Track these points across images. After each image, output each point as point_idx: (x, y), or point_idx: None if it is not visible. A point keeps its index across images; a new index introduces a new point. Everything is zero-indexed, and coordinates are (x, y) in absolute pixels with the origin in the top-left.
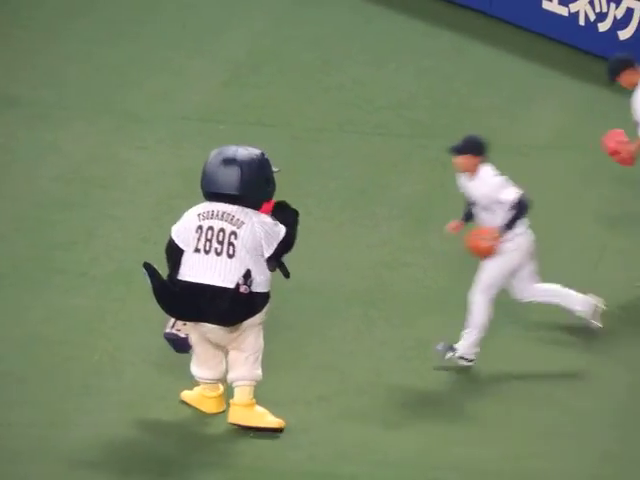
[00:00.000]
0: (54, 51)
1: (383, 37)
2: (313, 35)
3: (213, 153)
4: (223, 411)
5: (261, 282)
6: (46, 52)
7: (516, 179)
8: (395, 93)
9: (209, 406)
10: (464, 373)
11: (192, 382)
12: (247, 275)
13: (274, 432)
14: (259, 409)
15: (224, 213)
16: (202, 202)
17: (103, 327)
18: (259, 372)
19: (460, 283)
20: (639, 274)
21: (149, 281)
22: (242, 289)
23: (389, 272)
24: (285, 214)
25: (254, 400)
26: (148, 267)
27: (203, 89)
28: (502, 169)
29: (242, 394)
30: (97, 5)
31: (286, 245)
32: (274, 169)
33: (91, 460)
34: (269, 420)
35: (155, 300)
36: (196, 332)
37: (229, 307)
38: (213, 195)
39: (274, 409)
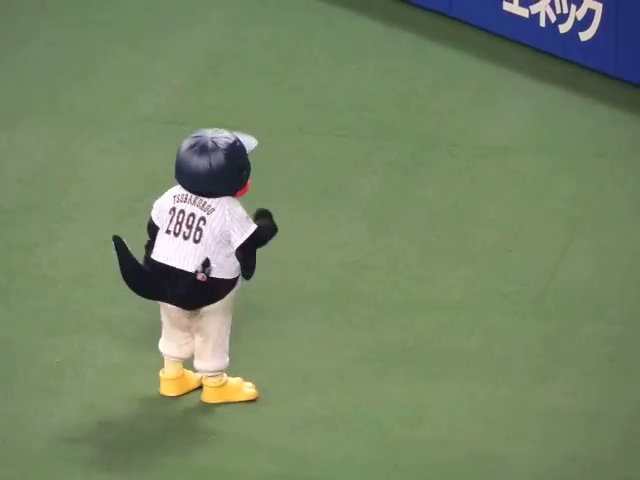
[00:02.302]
0: (15, 53)
1: (343, 38)
2: (272, 36)
3: (186, 141)
4: (182, 395)
5: (225, 269)
6: (6, 54)
7: (478, 181)
8: (356, 94)
9: (164, 388)
10: (425, 375)
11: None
12: (206, 263)
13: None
14: (232, 382)
15: (197, 198)
16: None
17: (64, 329)
18: (226, 361)
19: (421, 285)
20: (599, 276)
21: (116, 256)
22: (199, 277)
23: (350, 274)
24: (263, 221)
25: (225, 379)
26: (118, 242)
27: (164, 91)
28: (463, 171)
29: (212, 380)
30: (58, 7)
31: (253, 243)
32: (251, 147)
33: (51, 462)
34: (243, 394)
35: (121, 277)
36: (163, 310)
37: (188, 291)
38: (184, 187)
39: (234, 412)
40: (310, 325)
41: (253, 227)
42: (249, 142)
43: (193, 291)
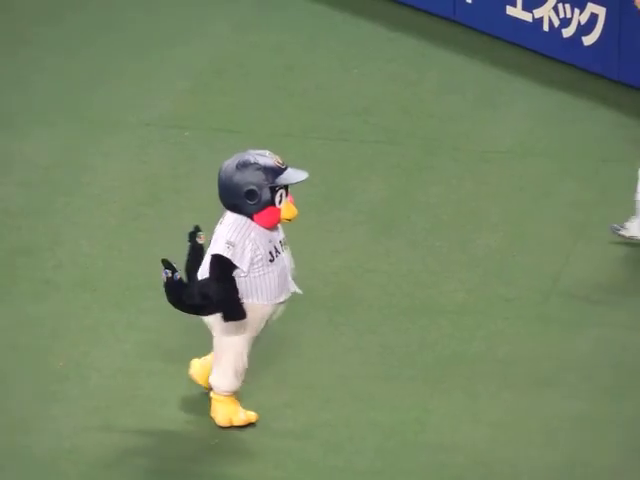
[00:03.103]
0: (19, 57)
1: (347, 43)
2: (276, 41)
3: None
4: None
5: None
6: (11, 58)
7: (481, 185)
8: (359, 99)
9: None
10: (428, 380)
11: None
12: (169, 266)
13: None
14: (233, 408)
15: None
16: (168, 208)
17: (68, 334)
18: (227, 383)
19: (424, 290)
20: (602, 280)
21: (168, 276)
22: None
23: (354, 278)
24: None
25: (225, 399)
26: (167, 264)
27: (167, 95)
28: (466, 175)
29: (213, 392)
30: (62, 12)
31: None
32: (295, 179)
33: (55, 466)
34: (237, 419)
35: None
36: None
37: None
38: None
39: None
40: (313, 329)
41: (215, 251)
42: (295, 175)
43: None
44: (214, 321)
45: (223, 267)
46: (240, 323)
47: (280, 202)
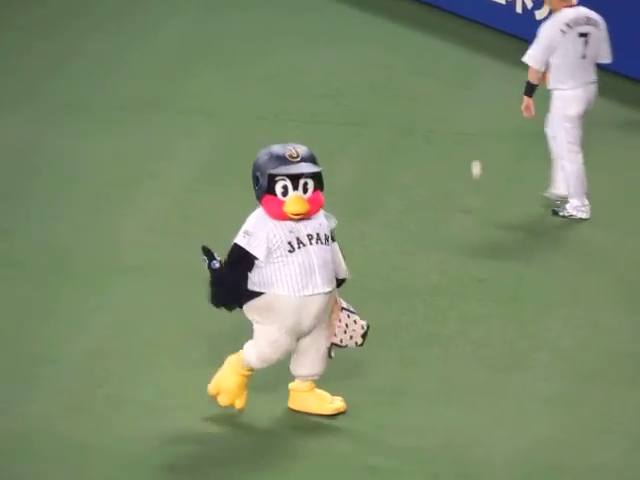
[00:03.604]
0: None
1: (319, 25)
2: (249, 24)
3: None
4: None
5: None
6: None
7: (454, 167)
8: (332, 81)
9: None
10: (402, 361)
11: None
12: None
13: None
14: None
15: None
16: (139, 190)
17: (40, 316)
18: (247, 356)
19: (398, 272)
20: (575, 261)
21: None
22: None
23: None
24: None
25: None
26: (205, 251)
27: (140, 79)
28: (439, 157)
29: None
30: None
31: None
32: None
33: (28, 447)
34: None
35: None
36: None
37: None
38: None
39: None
40: None
41: (234, 240)
42: (293, 168)
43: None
44: (245, 309)
45: (237, 254)
46: (264, 311)
47: (284, 194)
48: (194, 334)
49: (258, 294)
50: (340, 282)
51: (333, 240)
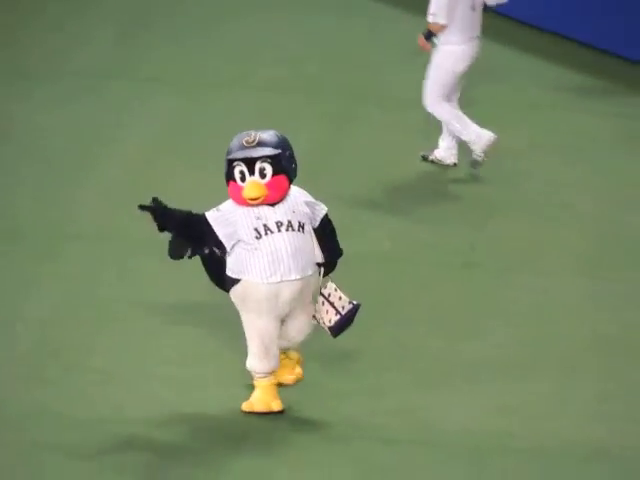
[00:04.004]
0: None
1: None
2: None
3: None
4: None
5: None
6: None
7: (407, 133)
8: (286, 49)
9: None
10: (354, 328)
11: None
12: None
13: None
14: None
15: None
16: (95, 158)
17: None
18: (251, 363)
19: (350, 238)
20: (526, 228)
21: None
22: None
23: None
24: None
25: (256, 382)
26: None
27: (95, 46)
28: (393, 123)
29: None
30: None
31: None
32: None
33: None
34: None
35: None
36: None
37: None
38: None
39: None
40: None
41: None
42: (241, 152)
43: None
44: (231, 297)
45: (200, 222)
46: (240, 298)
47: (242, 179)
48: (148, 302)
49: (236, 281)
50: (326, 267)
51: (324, 227)
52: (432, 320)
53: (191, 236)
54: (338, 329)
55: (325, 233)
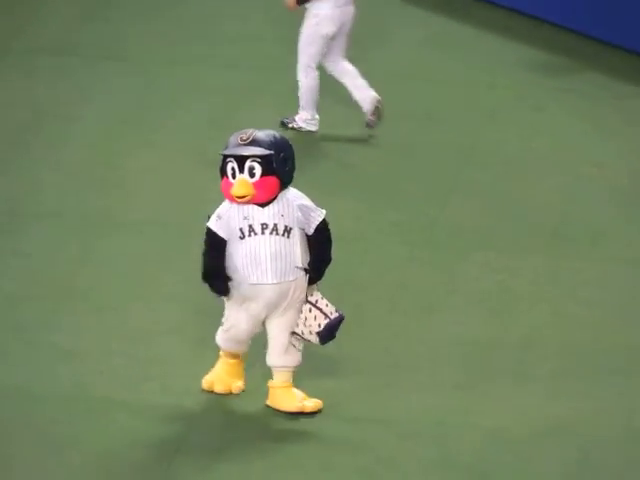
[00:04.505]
0: None
1: None
2: None
3: None
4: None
5: None
6: None
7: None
8: (246, 26)
9: None
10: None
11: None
12: None
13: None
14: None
15: None
16: (53, 135)
17: None
18: (217, 334)
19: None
20: (489, 205)
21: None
22: None
23: None
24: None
25: (221, 354)
26: None
27: (55, 23)
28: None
29: None
30: None
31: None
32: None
33: None
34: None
35: None
36: None
37: None
38: None
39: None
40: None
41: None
42: (234, 149)
43: None
44: None
45: (210, 239)
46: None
47: (233, 176)
48: (111, 279)
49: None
50: (312, 273)
51: (318, 234)
52: (394, 298)
53: (214, 260)
54: (327, 333)
55: (318, 240)
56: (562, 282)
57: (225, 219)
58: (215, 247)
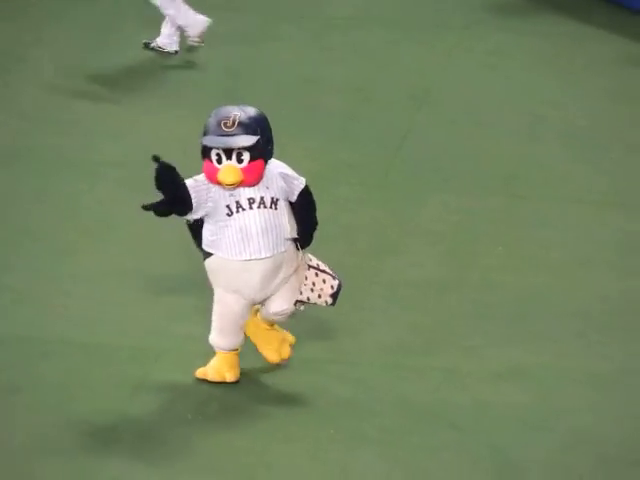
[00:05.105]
0: None
1: None
2: None
3: None
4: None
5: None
6: None
7: (325, 52)
8: None
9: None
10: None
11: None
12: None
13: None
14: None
15: None
16: (12, 77)
17: None
18: (211, 338)
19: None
20: (445, 147)
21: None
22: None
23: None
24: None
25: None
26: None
27: None
28: (310, 43)
29: None
30: None
31: None
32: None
33: None
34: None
35: None
36: None
37: None
38: None
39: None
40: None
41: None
42: (215, 139)
43: None
44: (206, 269)
45: (180, 187)
46: (213, 273)
47: (219, 161)
48: (63, 219)
49: (209, 254)
50: (301, 240)
51: (302, 200)
52: (350, 238)
53: (180, 201)
54: (338, 294)
55: (302, 207)
56: (520, 224)
57: (200, 187)
58: (179, 189)
